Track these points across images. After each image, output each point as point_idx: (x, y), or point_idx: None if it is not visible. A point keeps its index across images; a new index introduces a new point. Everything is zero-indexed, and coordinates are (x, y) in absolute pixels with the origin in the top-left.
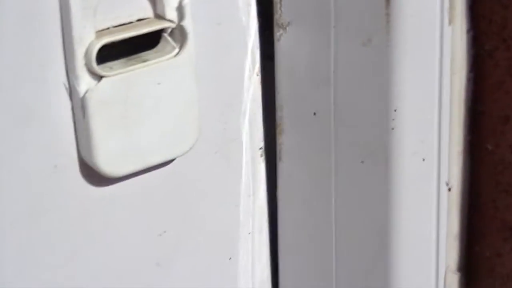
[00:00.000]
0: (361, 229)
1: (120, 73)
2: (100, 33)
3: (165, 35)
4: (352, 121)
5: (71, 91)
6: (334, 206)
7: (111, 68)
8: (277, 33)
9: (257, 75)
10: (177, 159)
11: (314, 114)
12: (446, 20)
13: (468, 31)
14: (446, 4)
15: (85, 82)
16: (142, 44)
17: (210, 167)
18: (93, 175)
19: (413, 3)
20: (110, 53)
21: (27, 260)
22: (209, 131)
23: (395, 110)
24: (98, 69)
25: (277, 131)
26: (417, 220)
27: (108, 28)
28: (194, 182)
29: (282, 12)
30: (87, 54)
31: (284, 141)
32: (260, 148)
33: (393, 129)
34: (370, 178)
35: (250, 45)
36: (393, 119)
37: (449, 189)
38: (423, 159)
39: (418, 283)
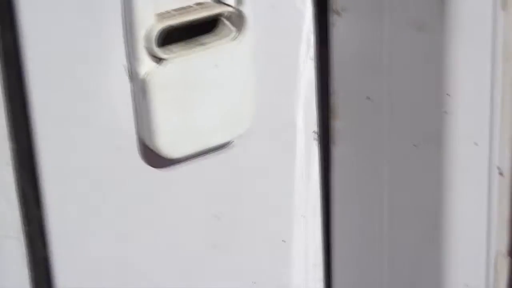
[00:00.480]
0: (413, 212)
1: (180, 56)
2: (160, 16)
3: (223, 19)
4: (406, 105)
5: (131, 73)
6: (387, 190)
7: (170, 51)
8: (332, 18)
9: (312, 60)
10: (233, 141)
11: (368, 98)
12: (498, 6)
13: None
14: None
15: (145, 65)
16: (200, 27)
17: (265, 150)
18: (153, 157)
19: None
20: (168, 36)
21: (87, 239)
22: (264, 114)
23: (448, 94)
24: (158, 51)
25: (331, 115)
26: (468, 204)
27: (167, 12)
28: (249, 165)
29: None
30: (147, 37)
31: (338, 125)
32: (314, 132)
33: (446, 113)
34: (423, 162)
35: (305, 30)
36: (447, 103)
37: (501, 174)
38: (476, 143)
39: (469, 267)
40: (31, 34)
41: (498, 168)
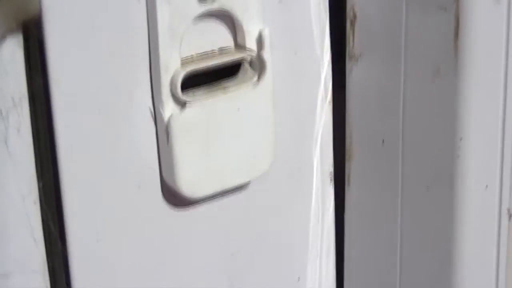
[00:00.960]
0: (425, 254)
1: (203, 100)
2: (184, 60)
3: (245, 63)
4: (419, 149)
5: (156, 116)
6: (400, 231)
7: (194, 95)
8: (349, 63)
9: (329, 103)
10: (252, 181)
11: (383, 141)
12: (511, 53)
13: None
14: (511, 37)
15: (169, 108)
16: (222, 70)
17: (283, 190)
18: (174, 196)
19: (480, 36)
20: (192, 79)
21: (109, 275)
22: (283, 156)
23: (461, 139)
24: (183, 96)
25: (347, 157)
26: (478, 246)
27: (191, 56)
28: (267, 204)
29: (355, 43)
30: (172, 81)
31: (353, 167)
32: (330, 173)
33: (458, 156)
34: (435, 204)
35: (323, 74)
36: (459, 147)
37: (510, 216)
38: (486, 186)
39: None
40: (60, 77)
41: (508, 210)
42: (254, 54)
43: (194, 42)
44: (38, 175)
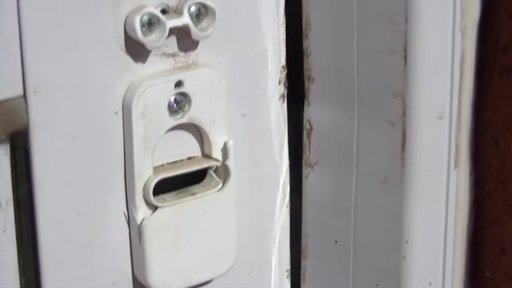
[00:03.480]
0: None
1: (173, 204)
2: (156, 169)
3: (211, 171)
4: (369, 249)
5: (130, 219)
6: None
7: (164, 199)
8: (305, 170)
9: (287, 207)
10: (215, 278)
11: (336, 242)
12: (452, 165)
13: (470, 174)
14: (452, 151)
15: (142, 212)
16: (190, 177)
17: (243, 286)
18: None
19: (425, 151)
20: (162, 184)
21: None
22: (244, 254)
23: (407, 241)
24: (154, 200)
25: (302, 255)
26: None
27: (163, 165)
28: None
29: (310, 153)
30: (145, 188)
31: (308, 265)
32: (287, 270)
33: (404, 257)
34: None
35: (282, 180)
36: (405, 249)
37: None
38: (430, 284)
39: None
40: (43, 183)
41: None
42: (220, 163)
43: (166, 151)
44: (21, 272)
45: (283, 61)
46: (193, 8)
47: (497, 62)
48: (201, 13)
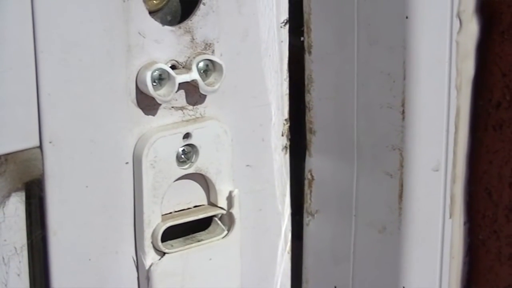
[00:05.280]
0: None
1: (180, 250)
2: (164, 216)
3: (216, 219)
4: None
5: (138, 264)
6: None
7: (172, 246)
8: (307, 218)
9: (288, 253)
10: None
11: (335, 287)
12: (447, 214)
13: (465, 223)
14: (447, 201)
15: (150, 257)
16: (196, 224)
17: None
18: None
19: (421, 201)
20: (170, 230)
21: None
22: None
23: (403, 287)
24: (162, 246)
25: None
26: None
27: (171, 213)
28: None
29: (312, 202)
30: (154, 234)
31: None
32: None
33: None
34: None
35: (283, 228)
36: None
37: None
38: None
39: None
40: (57, 230)
41: None
42: (225, 211)
43: (174, 199)
44: None
45: (286, 114)
46: (201, 64)
47: (491, 118)
48: (209, 68)
